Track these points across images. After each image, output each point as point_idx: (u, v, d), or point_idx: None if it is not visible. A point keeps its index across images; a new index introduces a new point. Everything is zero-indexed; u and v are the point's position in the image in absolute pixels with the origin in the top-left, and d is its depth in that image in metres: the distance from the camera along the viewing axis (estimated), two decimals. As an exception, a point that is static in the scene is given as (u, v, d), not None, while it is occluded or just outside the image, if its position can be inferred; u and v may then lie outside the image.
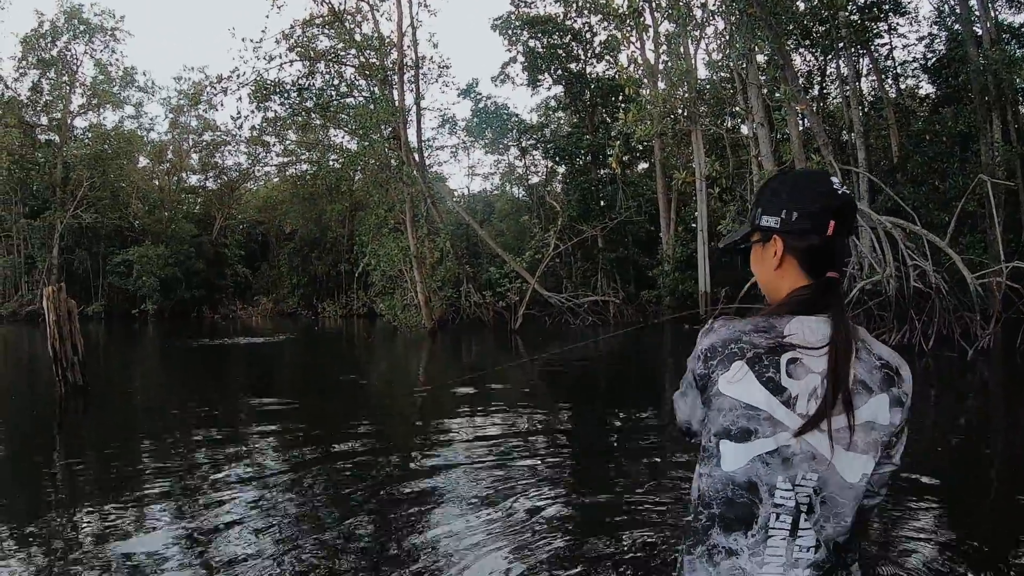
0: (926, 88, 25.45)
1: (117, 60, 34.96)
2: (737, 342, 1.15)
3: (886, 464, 1.20)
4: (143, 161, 37.64)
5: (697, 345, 1.22)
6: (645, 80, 22.24)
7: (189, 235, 33.00)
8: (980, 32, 18.82)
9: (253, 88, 25.24)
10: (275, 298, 30.99)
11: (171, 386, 11.48)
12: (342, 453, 5.90)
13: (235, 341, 20.42)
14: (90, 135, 34.01)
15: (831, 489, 1.14)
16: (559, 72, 23.85)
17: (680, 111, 21.50)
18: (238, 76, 25.75)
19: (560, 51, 23.88)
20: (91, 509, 4.36)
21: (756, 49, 18.72)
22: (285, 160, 28.42)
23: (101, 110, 35.21)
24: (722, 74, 23.65)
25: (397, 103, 23.19)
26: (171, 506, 4.39)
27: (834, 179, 1.22)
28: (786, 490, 1.14)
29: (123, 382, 11.66)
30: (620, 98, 22.62)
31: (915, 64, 25.72)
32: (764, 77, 20.48)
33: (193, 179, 36.50)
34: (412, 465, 5.66)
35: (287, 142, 27.00)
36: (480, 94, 23.75)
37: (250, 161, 31.96)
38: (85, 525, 4.09)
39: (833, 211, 1.20)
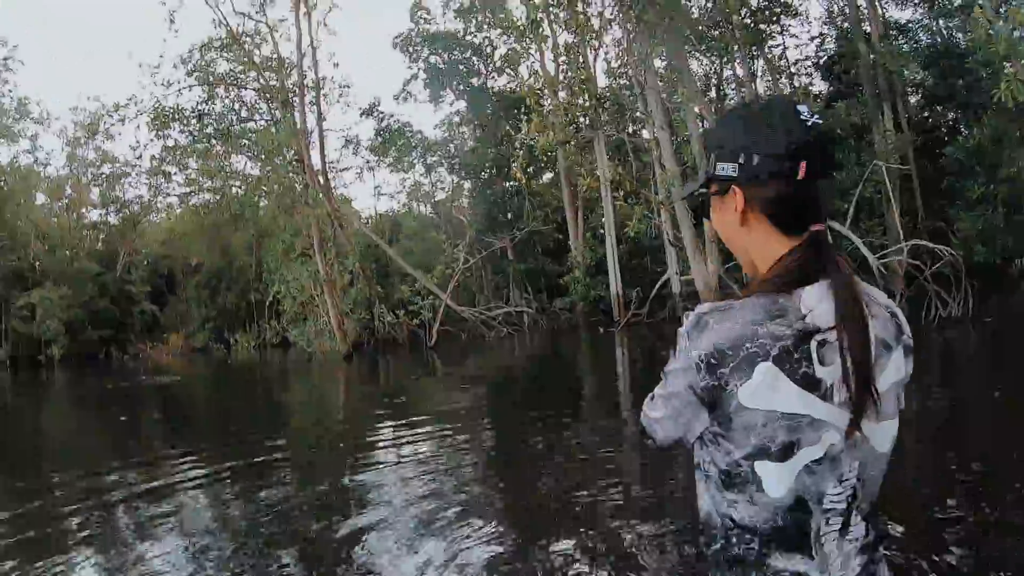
0: (819, 85, 26.66)
1: (10, 91, 33.07)
2: (753, 339, 0.93)
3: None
4: (41, 198, 35.69)
5: (686, 348, 0.98)
6: (546, 91, 22.50)
7: (92, 274, 31.39)
8: (869, 29, 19.84)
9: (152, 115, 24.41)
10: (185, 333, 29.75)
11: (84, 438, 10.68)
12: (264, 487, 5.57)
13: (141, 381, 19.42)
14: (-16, 172, 32.03)
15: (869, 468, 1.02)
16: (461, 87, 23.87)
17: (582, 119, 21.84)
18: (136, 103, 24.91)
19: (461, 66, 23.94)
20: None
21: (653, 54, 19.21)
22: (188, 190, 27.41)
23: (-4, 144, 33.22)
24: (622, 81, 24.22)
25: (299, 125, 22.75)
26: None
27: (801, 107, 1.01)
28: (836, 493, 0.99)
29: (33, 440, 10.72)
30: (522, 110, 22.84)
31: (808, 63, 26.91)
32: (663, 82, 21.04)
33: (94, 214, 34.83)
34: (341, 503, 5.41)
35: (188, 171, 26.03)
36: (383, 113, 23.56)
37: (151, 192, 30.72)
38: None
39: (802, 148, 0.99)
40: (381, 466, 6.31)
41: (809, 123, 1.00)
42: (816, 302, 0.95)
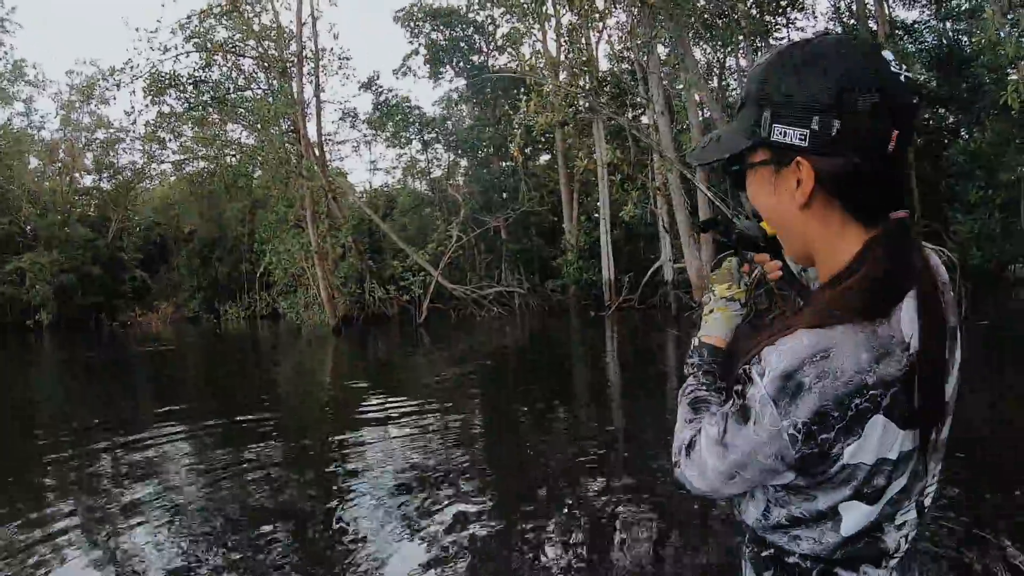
0: (822, 80, 26.47)
1: (6, 53, 32.63)
2: (863, 392, 0.74)
3: None
4: (34, 162, 35.31)
5: (772, 419, 0.77)
6: (546, 72, 22.31)
7: (84, 239, 31.13)
8: (875, 27, 19.73)
9: (148, 81, 24.09)
10: (175, 302, 29.60)
11: (72, 405, 10.63)
12: (253, 460, 5.57)
13: (136, 350, 19.35)
14: (-23, 134, 31.66)
15: (942, 460, 0.90)
16: (461, 65, 23.67)
17: (581, 102, 21.69)
18: (132, 68, 24.57)
19: (462, 43, 23.71)
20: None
21: (657, 39, 19.06)
22: (182, 157, 27.11)
23: (-11, 107, 32.82)
24: (624, 65, 24.04)
25: (296, 96, 22.54)
26: (78, 530, 4.04)
27: (887, 54, 0.78)
28: (912, 505, 0.87)
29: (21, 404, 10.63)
30: (522, 90, 22.67)
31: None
32: (665, 68, 20.90)
33: (87, 180, 34.48)
34: (328, 471, 5.41)
35: (183, 138, 25.73)
36: (381, 87, 23.36)
37: (145, 159, 30.38)
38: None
39: (898, 111, 0.76)
40: (367, 437, 6.34)
41: (902, 77, 0.77)
42: (912, 322, 0.78)
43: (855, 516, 0.83)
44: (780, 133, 0.79)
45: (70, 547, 3.66)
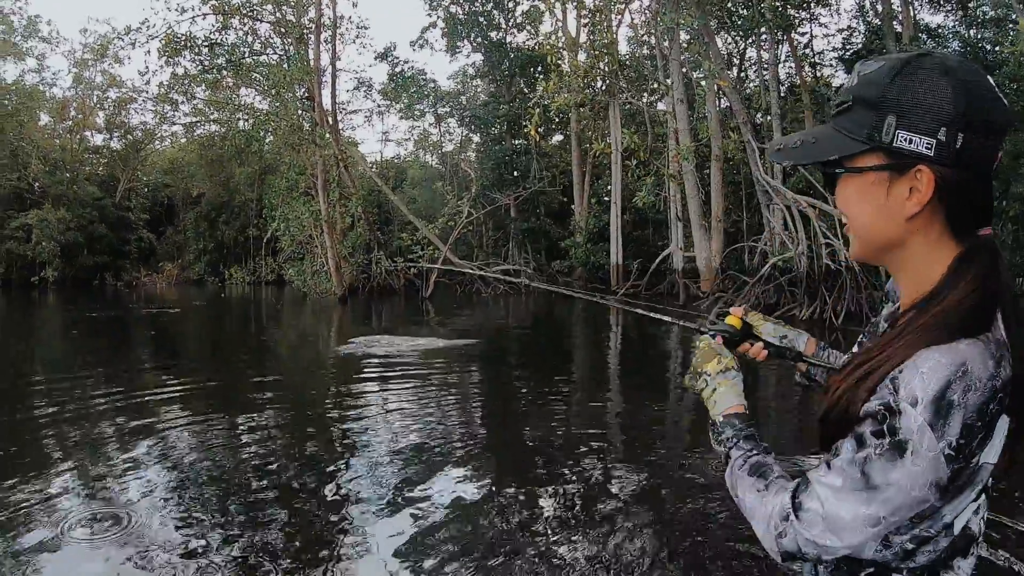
0: (841, 78, 26.33)
1: (20, 8, 32.44)
2: (995, 396, 0.77)
3: None
4: (44, 118, 35.18)
5: (930, 445, 0.76)
6: (566, 51, 22.12)
7: (92, 198, 31.07)
8: (900, 29, 19.52)
9: (163, 42, 23.91)
10: (181, 264, 29.59)
11: (76, 360, 10.65)
12: (255, 427, 5.54)
13: (139, 311, 19.36)
14: (-12, 89, 31.50)
15: None
16: (479, 40, 23.45)
17: (600, 84, 21.54)
18: (148, 28, 24.40)
19: (481, 18, 23.48)
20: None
21: (681, 25, 18.87)
22: (194, 120, 27.00)
23: (2, 62, 32.66)
24: (644, 50, 23.82)
25: (312, 63, 22.39)
26: (78, 486, 4.01)
27: (990, 78, 0.82)
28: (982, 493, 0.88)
29: (23, 359, 10.61)
30: (539, 69, 22.47)
31: (832, 54, 26.53)
32: (686, 55, 20.70)
33: (97, 138, 34.37)
34: (329, 439, 5.39)
35: (196, 100, 25.61)
36: (398, 58, 23.15)
37: (157, 120, 30.27)
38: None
39: (1007, 131, 0.81)
40: (366, 406, 6.34)
41: (1005, 101, 0.81)
42: (1004, 328, 0.81)
43: (965, 515, 0.85)
44: (905, 140, 0.80)
45: (59, 509, 3.61)
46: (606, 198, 21.27)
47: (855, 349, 1.10)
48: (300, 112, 22.47)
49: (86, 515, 3.52)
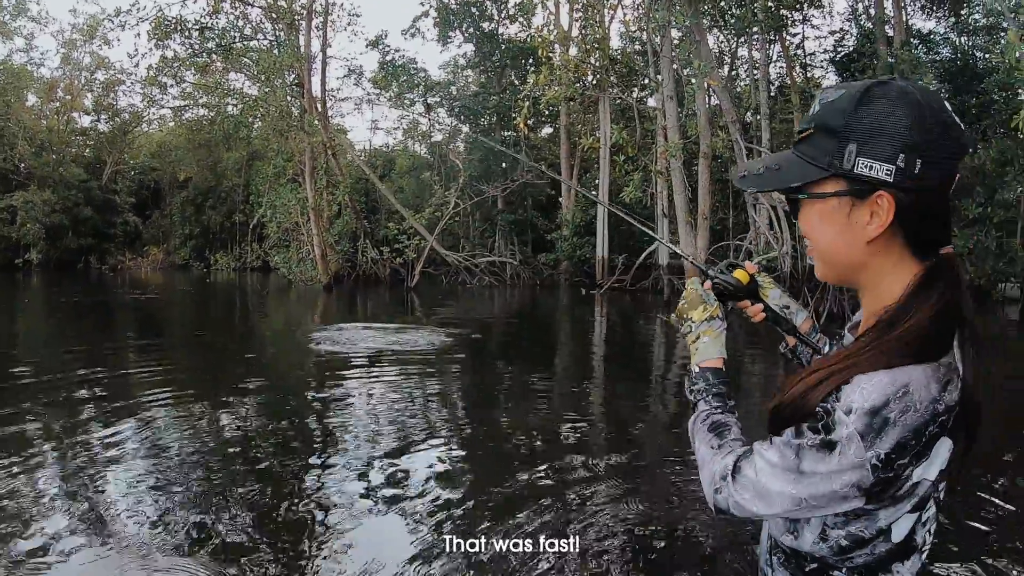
0: (831, 80, 26.39)
1: (10, -14, 31.98)
2: (935, 419, 0.81)
3: None
4: (32, 99, 34.73)
5: (856, 452, 0.81)
6: (557, 45, 22.06)
7: (78, 180, 30.75)
8: (891, 33, 19.60)
9: (153, 24, 23.70)
10: (166, 249, 29.37)
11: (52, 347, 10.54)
12: (240, 418, 5.52)
13: (124, 296, 19.20)
14: (-25, 69, 31.08)
15: None
16: (471, 30, 23.36)
17: (590, 78, 21.52)
18: (137, 10, 24.21)
19: (474, 9, 23.37)
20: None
21: (673, 22, 18.88)
22: (182, 104, 26.76)
23: (-11, 41, 32.21)
24: (636, 45, 23.82)
25: (303, 49, 22.24)
26: (55, 466, 4.04)
27: (947, 103, 0.85)
28: (931, 504, 0.93)
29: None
30: (530, 61, 22.43)
31: (824, 56, 26.59)
32: (677, 52, 20.73)
33: (85, 120, 33.96)
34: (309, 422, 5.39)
35: (185, 84, 25.37)
36: (389, 47, 23.02)
37: (145, 103, 29.94)
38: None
39: (962, 154, 0.84)
40: (347, 394, 6.36)
41: (963, 126, 0.84)
42: (957, 347, 0.85)
43: (905, 525, 0.89)
44: (866, 167, 0.83)
45: (33, 493, 3.63)
46: (594, 192, 21.30)
47: (826, 350, 1.17)
48: (289, 98, 22.33)
49: (61, 496, 3.53)
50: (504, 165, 22.52)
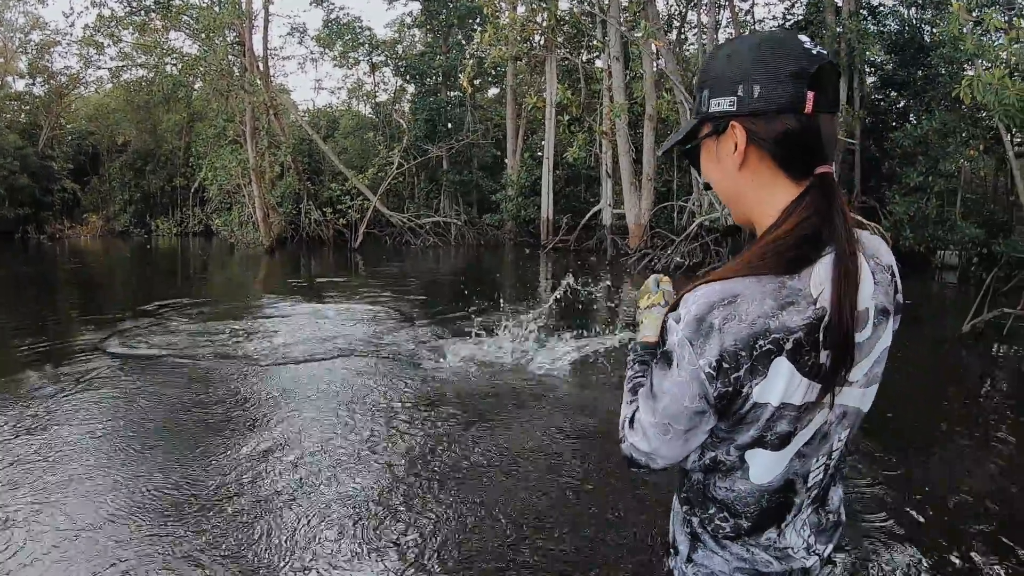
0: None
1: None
2: (766, 335, 0.84)
3: None
4: (-37, 64, 33.17)
5: (690, 359, 0.86)
6: (504, 3, 21.86)
7: (13, 147, 29.53)
8: (840, 3, 19.84)
9: (90, -22, 22.80)
10: (106, 215, 28.50)
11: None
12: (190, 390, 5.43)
13: (64, 265, 18.61)
14: None
15: (854, 432, 1.00)
16: (417, -12, 23.02)
17: (537, 38, 21.40)
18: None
19: (421, -34, 22.99)
20: None
21: (620, -17, 18.83)
22: (120, 64, 25.84)
23: (-88, 2, 30.55)
24: (584, 6, 23.73)
25: (244, 6, 21.64)
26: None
27: (803, 37, 0.90)
28: (821, 466, 0.97)
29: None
30: (478, 20, 22.18)
31: (773, 23, 26.82)
32: (625, 15, 20.70)
33: (19, 84, 32.57)
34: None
35: (122, 44, 24.50)
36: (333, 4, 22.59)
37: (82, 64, 28.85)
38: None
39: (810, 77, 0.87)
40: (295, 356, 6.29)
41: (814, 52, 0.89)
42: (825, 279, 0.86)
43: (763, 465, 0.92)
44: (716, 104, 0.93)
45: None
46: (539, 153, 21.29)
47: None
48: (230, 57, 21.76)
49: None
50: (450, 125, 22.33)
